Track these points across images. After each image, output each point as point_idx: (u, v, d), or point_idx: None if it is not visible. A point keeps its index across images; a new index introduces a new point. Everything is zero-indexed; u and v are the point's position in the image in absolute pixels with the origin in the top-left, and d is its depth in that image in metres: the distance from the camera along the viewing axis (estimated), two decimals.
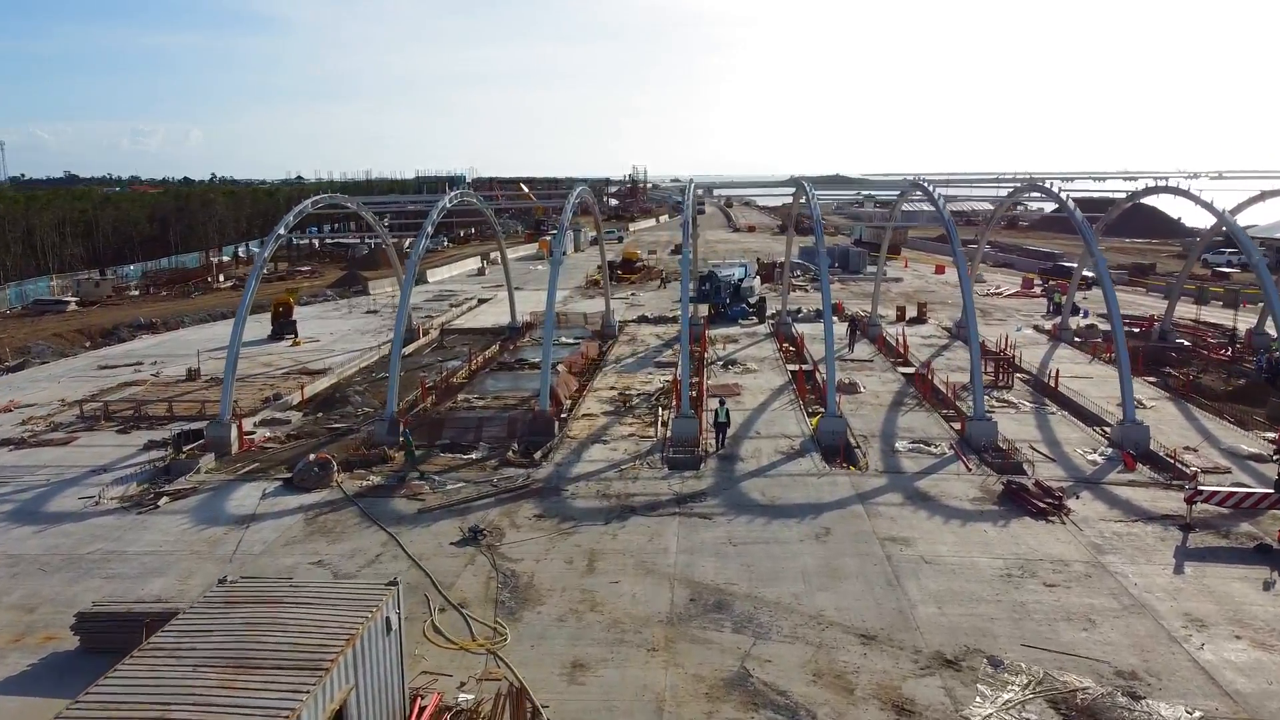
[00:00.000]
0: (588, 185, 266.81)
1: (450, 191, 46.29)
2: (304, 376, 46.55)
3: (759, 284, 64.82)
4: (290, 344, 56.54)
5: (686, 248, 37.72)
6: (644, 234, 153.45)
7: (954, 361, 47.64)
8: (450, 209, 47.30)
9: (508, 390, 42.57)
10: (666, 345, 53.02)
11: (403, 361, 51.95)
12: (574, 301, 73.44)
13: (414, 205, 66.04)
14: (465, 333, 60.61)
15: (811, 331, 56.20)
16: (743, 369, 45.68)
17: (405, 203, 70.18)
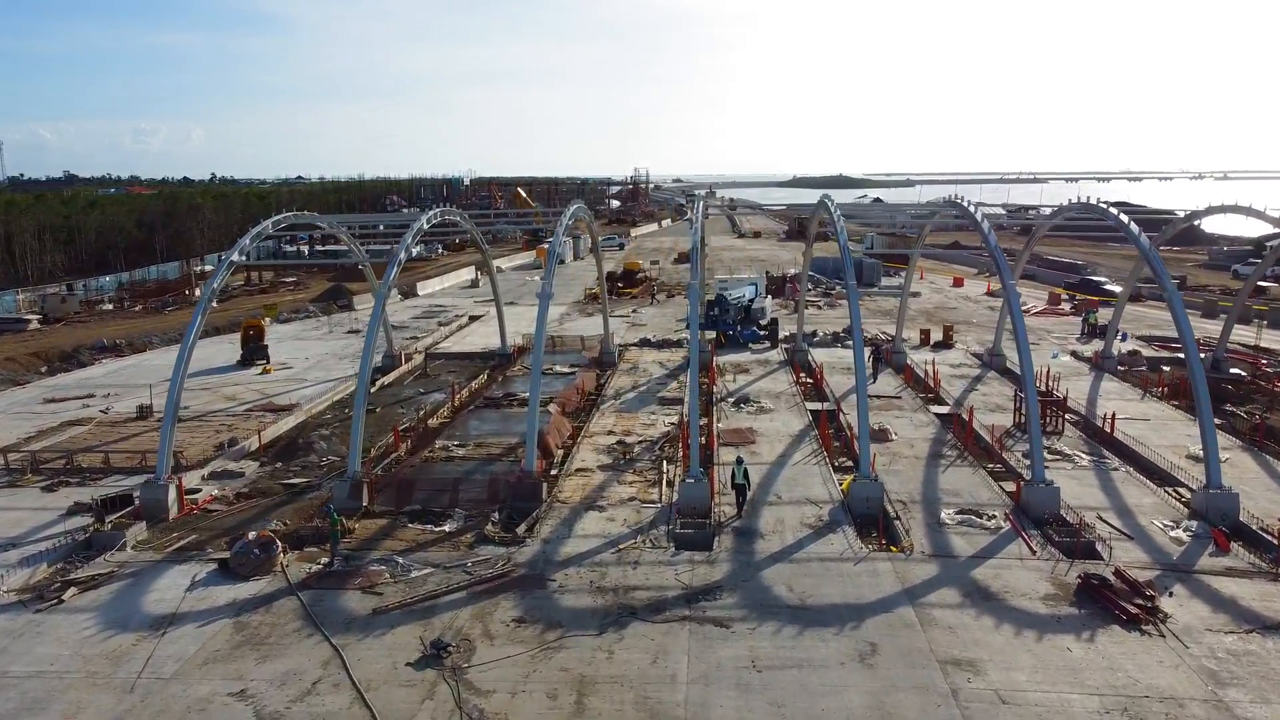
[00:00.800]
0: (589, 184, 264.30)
1: (430, 212, 41.34)
2: (267, 415, 41.85)
3: (770, 303, 60.03)
4: (260, 371, 51.82)
5: (696, 278, 32.89)
6: (646, 240, 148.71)
7: (990, 398, 42.84)
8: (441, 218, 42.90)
9: (493, 434, 37.79)
10: (671, 376, 48.24)
11: (381, 394, 47.55)
12: (571, 320, 68.72)
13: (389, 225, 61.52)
14: (453, 357, 55.85)
15: (830, 359, 51.48)
16: (757, 408, 40.89)
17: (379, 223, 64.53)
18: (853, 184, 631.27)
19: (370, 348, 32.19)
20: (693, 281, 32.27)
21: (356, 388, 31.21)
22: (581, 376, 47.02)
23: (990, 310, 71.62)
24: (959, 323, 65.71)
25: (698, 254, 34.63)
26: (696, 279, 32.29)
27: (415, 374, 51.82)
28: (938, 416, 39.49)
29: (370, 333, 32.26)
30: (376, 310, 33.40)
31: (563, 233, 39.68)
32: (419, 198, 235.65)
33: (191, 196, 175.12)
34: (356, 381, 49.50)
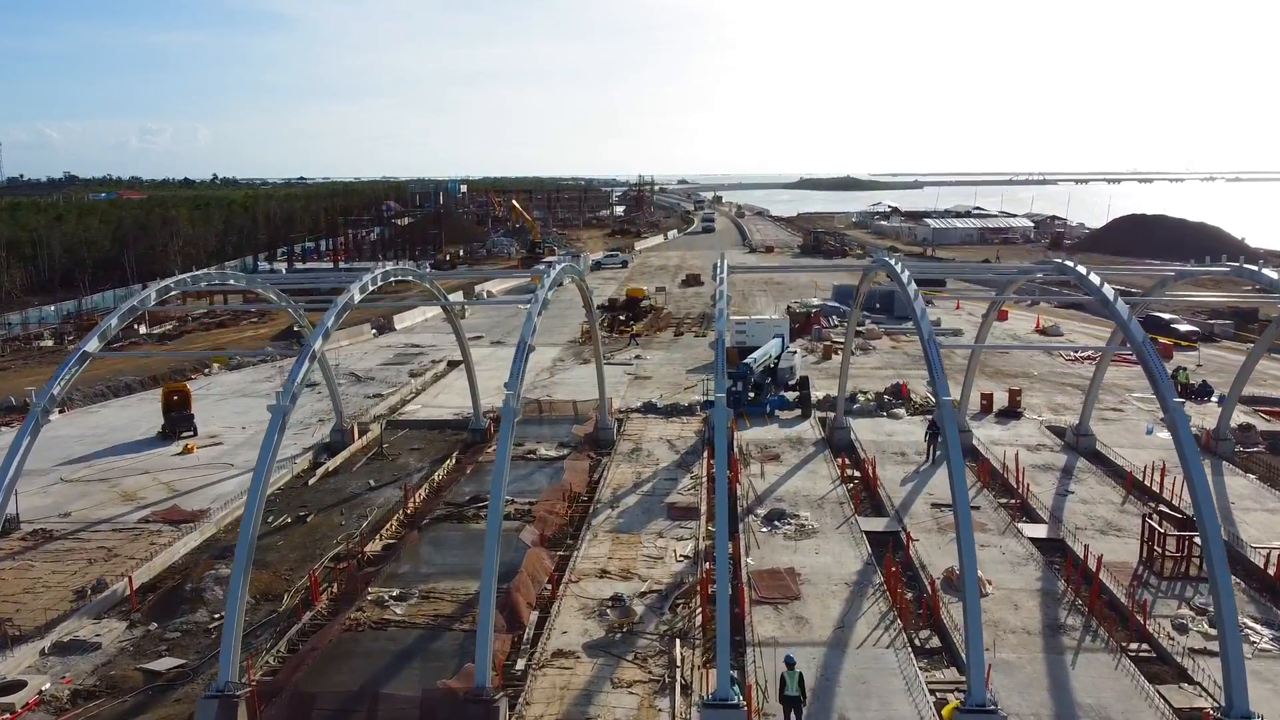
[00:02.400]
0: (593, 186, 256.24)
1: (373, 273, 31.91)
2: (164, 529, 32.54)
3: (799, 357, 50.55)
4: (181, 450, 42.51)
5: (720, 391, 23.34)
6: (651, 256, 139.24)
7: (1095, 508, 33.32)
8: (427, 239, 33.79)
9: (451, 571, 28.40)
10: (683, 465, 38.77)
11: (321, 488, 38.10)
12: (564, 368, 59.34)
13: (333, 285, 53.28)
14: (418, 427, 46.47)
15: (877, 436, 42.07)
16: (796, 527, 31.39)
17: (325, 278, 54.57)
18: (860, 186, 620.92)
19: (269, 463, 22.70)
20: (718, 397, 22.72)
21: (240, 532, 21.74)
22: (570, 468, 37.63)
23: (1050, 356, 62.11)
24: (1015, 374, 56.26)
25: (722, 346, 25.05)
26: (720, 394, 22.71)
27: (370, 453, 42.44)
28: (1034, 543, 30.03)
29: (269, 436, 22.70)
30: (287, 393, 23.81)
31: (546, 296, 30.26)
32: (414, 205, 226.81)
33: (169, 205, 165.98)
34: (299, 463, 40.73)
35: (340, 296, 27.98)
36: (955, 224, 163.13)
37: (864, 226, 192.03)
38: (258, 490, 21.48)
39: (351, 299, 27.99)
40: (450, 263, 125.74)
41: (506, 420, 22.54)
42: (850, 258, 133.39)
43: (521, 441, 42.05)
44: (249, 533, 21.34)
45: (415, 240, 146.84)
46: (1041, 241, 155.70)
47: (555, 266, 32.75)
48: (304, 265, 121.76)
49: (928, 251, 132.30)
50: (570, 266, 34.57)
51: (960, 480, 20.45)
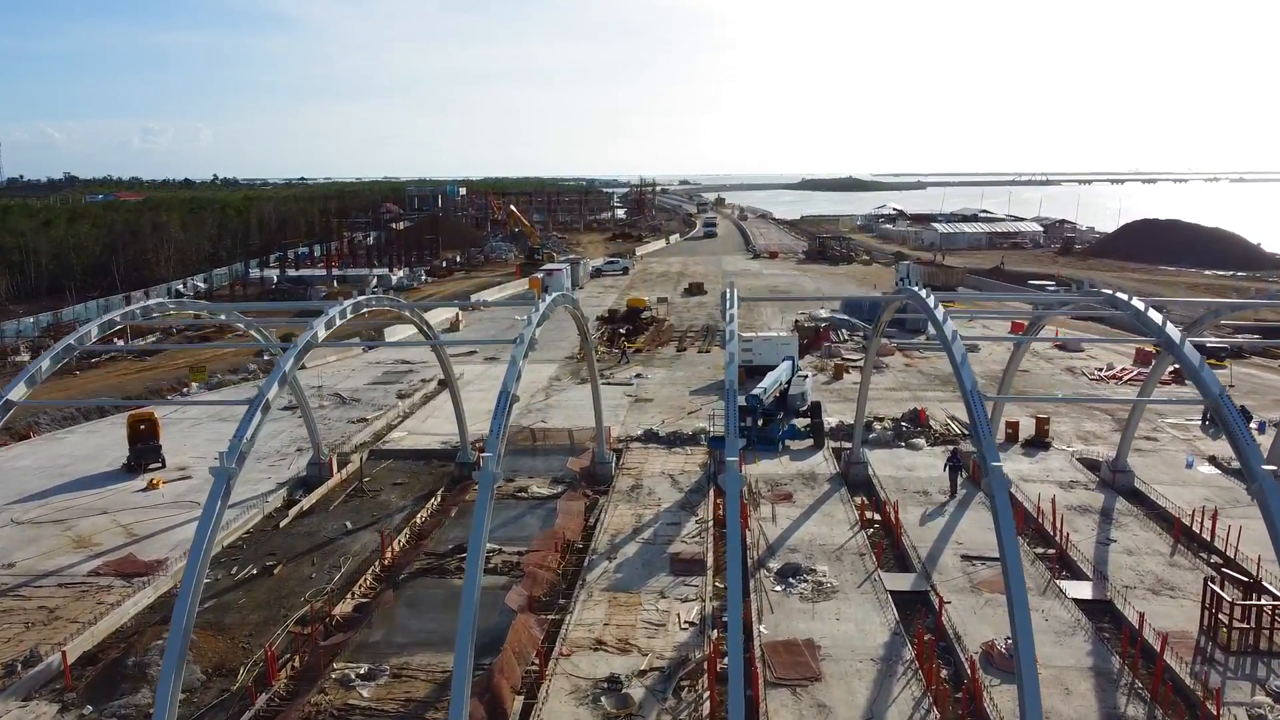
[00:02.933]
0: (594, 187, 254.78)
1: (347, 302, 28.85)
2: (116, 582, 29.48)
3: (810, 382, 47.39)
4: (147, 485, 39.45)
5: (733, 446, 20.22)
6: (652, 262, 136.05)
7: (1142, 561, 30.15)
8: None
9: (428, 639, 25.33)
10: (686, 504, 35.66)
11: (294, 530, 34.98)
12: (560, 388, 56.22)
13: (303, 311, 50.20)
14: (403, 457, 43.38)
15: (897, 472, 38.97)
16: (813, 585, 28.26)
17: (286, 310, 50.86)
18: (863, 186, 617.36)
19: (207, 541, 19.57)
20: (729, 461, 19.60)
21: (172, 624, 18.57)
22: (564, 510, 34.53)
23: (1072, 375, 58.97)
24: (1038, 391, 53.11)
25: (733, 400, 21.87)
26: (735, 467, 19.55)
27: (350, 488, 39.34)
28: (1079, 605, 26.91)
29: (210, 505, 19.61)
30: (233, 449, 20.71)
31: (533, 333, 27.07)
32: (413, 208, 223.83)
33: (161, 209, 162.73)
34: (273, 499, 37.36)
35: (302, 335, 24.86)
36: (963, 228, 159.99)
37: (869, 230, 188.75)
38: (193, 578, 18.36)
39: (315, 337, 24.90)
40: (447, 269, 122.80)
41: (485, 488, 19.41)
42: (857, 264, 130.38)
43: (512, 476, 39.01)
44: (182, 624, 18.25)
45: (412, 245, 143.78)
46: (1051, 246, 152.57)
47: (546, 297, 29.63)
48: (296, 272, 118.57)
49: (938, 257, 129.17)
50: (562, 296, 31.43)
51: (1016, 569, 17.28)
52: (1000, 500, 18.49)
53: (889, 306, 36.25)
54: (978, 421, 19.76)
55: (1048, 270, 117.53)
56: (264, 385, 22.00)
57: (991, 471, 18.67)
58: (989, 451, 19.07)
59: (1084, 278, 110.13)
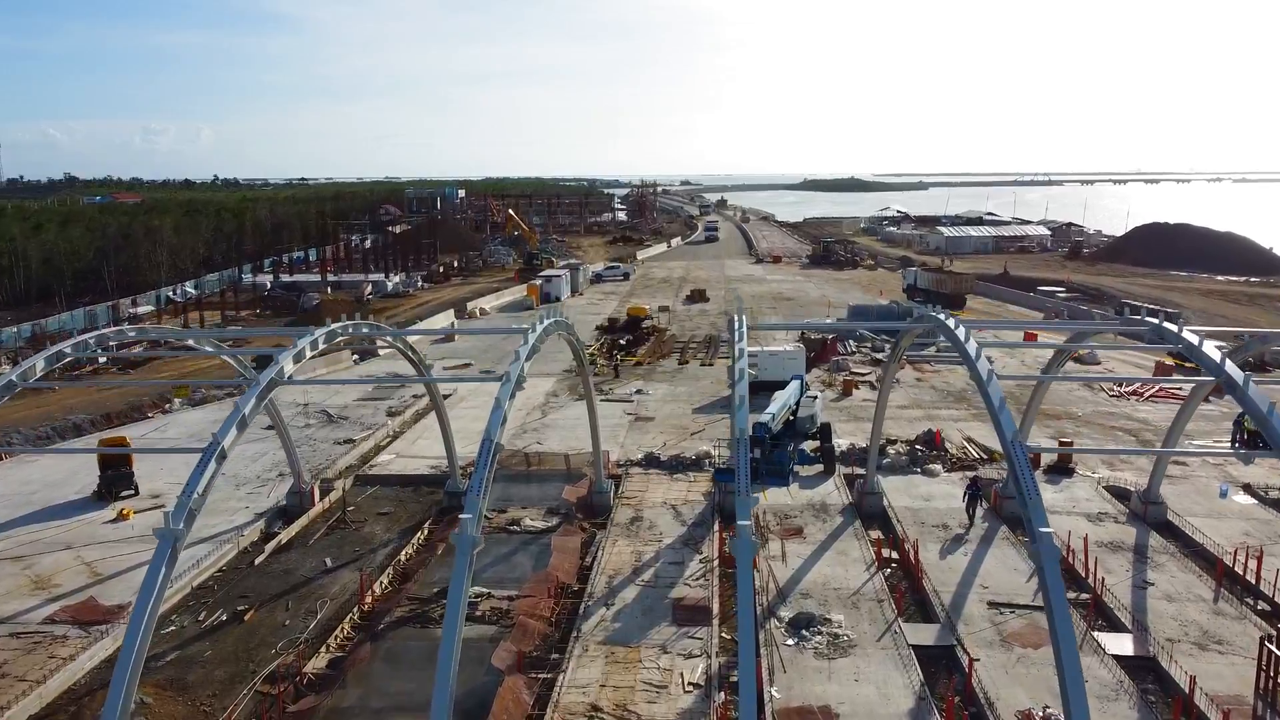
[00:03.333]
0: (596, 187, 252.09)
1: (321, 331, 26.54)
2: (73, 631, 27.19)
3: (820, 403, 44.97)
4: (116, 515, 37.16)
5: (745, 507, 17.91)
6: (654, 266, 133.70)
7: (1185, 608, 27.83)
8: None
9: (404, 708, 23.03)
10: (689, 539, 33.33)
11: (269, 568, 32.68)
12: (558, 405, 53.85)
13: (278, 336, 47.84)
14: (390, 483, 41.10)
15: (914, 503, 36.67)
16: (828, 639, 25.93)
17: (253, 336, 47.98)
18: (865, 187, 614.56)
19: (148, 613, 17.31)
20: (742, 527, 17.31)
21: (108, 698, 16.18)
22: (559, 548, 32.22)
23: (1092, 391, 56.56)
24: (1058, 414, 50.74)
25: (744, 454, 19.56)
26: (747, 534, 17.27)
27: (333, 518, 37.04)
28: (1119, 662, 24.58)
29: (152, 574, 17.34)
30: (181, 507, 18.45)
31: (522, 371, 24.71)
32: (412, 210, 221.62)
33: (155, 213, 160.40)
34: (250, 532, 34.90)
35: (266, 370, 22.53)
36: (969, 231, 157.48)
37: (873, 233, 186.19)
38: (128, 665, 16.04)
39: (280, 373, 22.57)
40: (444, 274, 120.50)
41: (463, 554, 17.09)
42: (862, 268, 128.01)
43: (504, 507, 36.74)
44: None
45: (410, 249, 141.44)
46: (1059, 250, 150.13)
47: (540, 324, 27.28)
48: (290, 277, 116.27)
49: (945, 263, 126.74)
50: (555, 323, 29.08)
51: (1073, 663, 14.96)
52: (1051, 574, 16.16)
53: (907, 334, 33.85)
54: (1021, 477, 17.41)
55: (1056, 276, 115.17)
56: (220, 430, 19.70)
57: (1040, 539, 16.36)
58: (1036, 514, 16.75)
59: (1095, 284, 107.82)
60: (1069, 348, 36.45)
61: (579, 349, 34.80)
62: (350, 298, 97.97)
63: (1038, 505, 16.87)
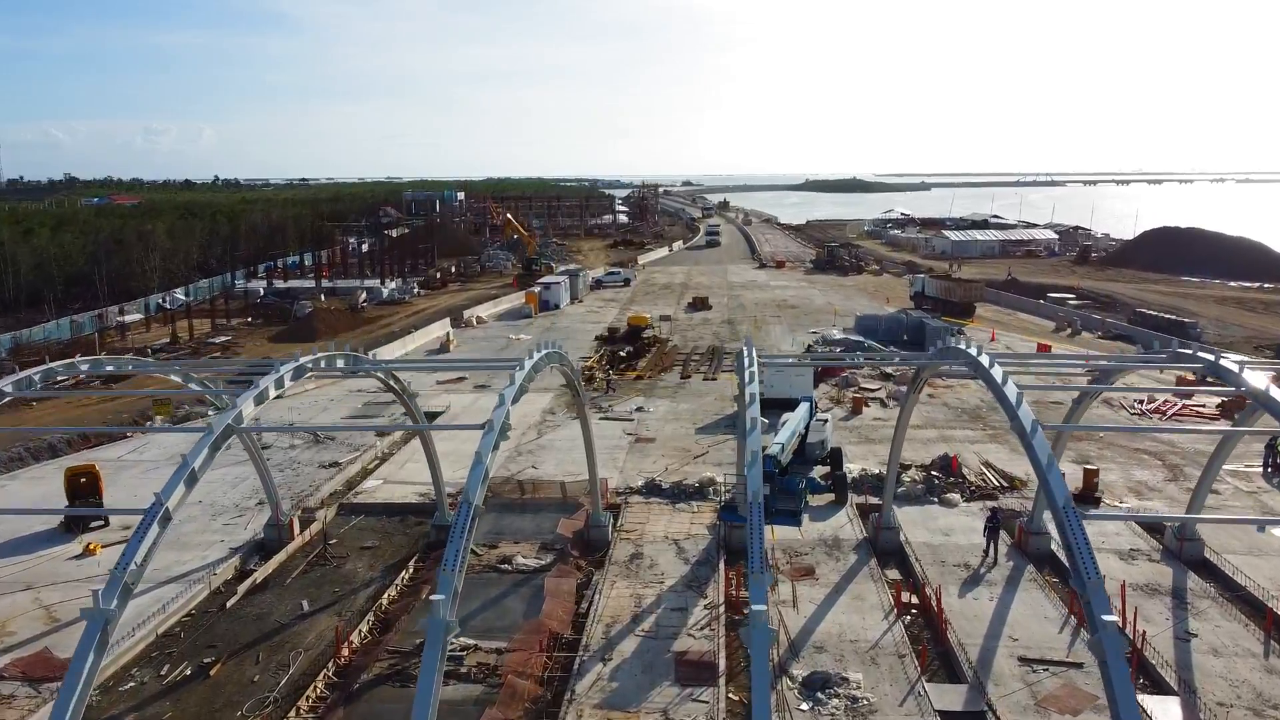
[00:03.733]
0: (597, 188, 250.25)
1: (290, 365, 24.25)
2: (21, 689, 24.92)
3: (830, 424, 42.74)
4: (83, 549, 34.91)
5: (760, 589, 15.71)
6: (655, 272, 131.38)
7: (1233, 664, 25.51)
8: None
9: None
10: (693, 580, 31.03)
11: (242, 612, 30.19)
12: (554, 425, 51.55)
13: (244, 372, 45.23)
14: (375, 512, 38.81)
15: (933, 538, 34.39)
16: (845, 703, 23.64)
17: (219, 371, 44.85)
18: (867, 187, 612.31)
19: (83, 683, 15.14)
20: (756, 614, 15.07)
21: None
22: (553, 591, 29.94)
23: (1110, 408, 54.25)
24: (1075, 435, 48.34)
25: (759, 539, 17.29)
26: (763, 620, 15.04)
27: (313, 553, 34.78)
28: None
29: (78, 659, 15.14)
30: (115, 581, 16.36)
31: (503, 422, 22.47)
32: (412, 213, 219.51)
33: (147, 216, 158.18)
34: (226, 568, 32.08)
35: (221, 416, 20.25)
36: (975, 235, 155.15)
37: (877, 236, 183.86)
38: None
39: (239, 416, 20.32)
40: (442, 280, 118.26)
41: (433, 645, 14.80)
42: (867, 273, 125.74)
43: (495, 542, 34.49)
44: None
45: (407, 253, 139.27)
46: (1067, 255, 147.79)
47: (533, 355, 25.04)
48: (285, 283, 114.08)
49: (953, 268, 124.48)
50: (551, 354, 26.80)
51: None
52: (1117, 674, 13.85)
53: (927, 369, 31.55)
54: (1079, 556, 15.16)
55: (1066, 282, 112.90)
56: (165, 488, 17.46)
57: (1103, 629, 14.09)
58: (1097, 600, 14.54)
59: (1105, 290, 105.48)
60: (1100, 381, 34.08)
61: (575, 380, 32.46)
62: (344, 305, 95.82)
63: (1099, 590, 14.62)
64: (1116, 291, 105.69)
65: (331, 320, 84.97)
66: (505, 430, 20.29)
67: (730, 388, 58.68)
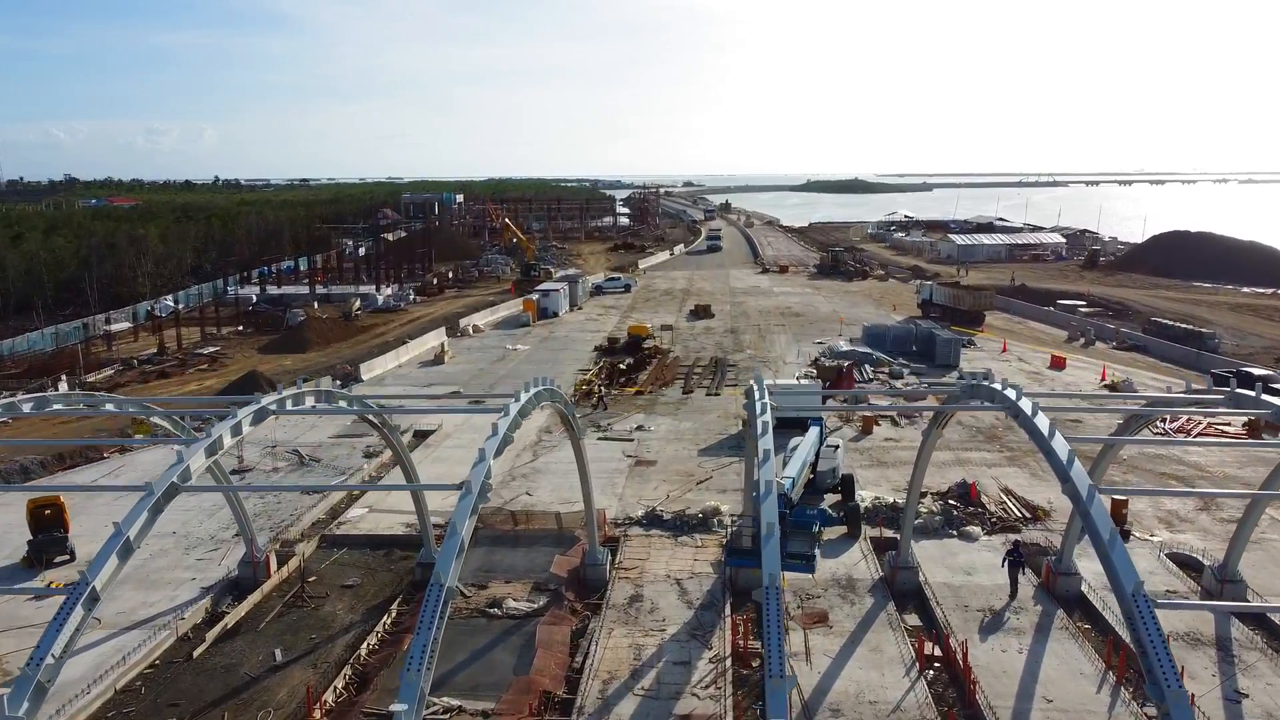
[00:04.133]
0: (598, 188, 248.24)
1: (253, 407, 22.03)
2: None
3: (841, 450, 40.42)
4: (45, 585, 32.66)
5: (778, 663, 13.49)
6: (656, 276, 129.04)
7: None
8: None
9: None
10: (697, 628, 28.74)
11: (210, 654, 27.98)
12: (550, 447, 49.17)
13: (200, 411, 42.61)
14: (359, 545, 36.53)
15: (953, 578, 32.11)
16: None
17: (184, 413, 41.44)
18: (869, 188, 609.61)
19: None
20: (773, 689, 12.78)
21: None
22: (545, 641, 27.65)
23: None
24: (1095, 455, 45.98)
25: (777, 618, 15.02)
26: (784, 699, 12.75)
27: (290, 591, 32.52)
28: None
29: None
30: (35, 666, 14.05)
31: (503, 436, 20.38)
32: (410, 215, 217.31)
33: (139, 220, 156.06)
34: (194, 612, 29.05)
35: (165, 474, 17.95)
36: (981, 239, 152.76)
37: (881, 240, 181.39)
38: None
39: (186, 471, 18.04)
40: (438, 286, 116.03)
41: None
42: (872, 279, 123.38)
43: (485, 581, 32.24)
44: None
45: (404, 258, 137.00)
46: (1075, 259, 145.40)
47: (526, 391, 22.80)
48: (279, 289, 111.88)
49: (960, 273, 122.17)
50: (540, 394, 24.54)
51: None
52: None
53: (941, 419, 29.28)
54: (1153, 653, 12.84)
55: (1075, 288, 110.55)
56: (92, 566, 15.22)
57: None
58: (1179, 712, 12.15)
59: (1117, 297, 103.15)
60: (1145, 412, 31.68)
61: (570, 418, 30.02)
62: (338, 313, 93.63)
63: (1182, 703, 12.28)
64: (1127, 298, 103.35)
65: (324, 329, 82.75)
66: (485, 492, 17.97)
67: (734, 404, 56.42)
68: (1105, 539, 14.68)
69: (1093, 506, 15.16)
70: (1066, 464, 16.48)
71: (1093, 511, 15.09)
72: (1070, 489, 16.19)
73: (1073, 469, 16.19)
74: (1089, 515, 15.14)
